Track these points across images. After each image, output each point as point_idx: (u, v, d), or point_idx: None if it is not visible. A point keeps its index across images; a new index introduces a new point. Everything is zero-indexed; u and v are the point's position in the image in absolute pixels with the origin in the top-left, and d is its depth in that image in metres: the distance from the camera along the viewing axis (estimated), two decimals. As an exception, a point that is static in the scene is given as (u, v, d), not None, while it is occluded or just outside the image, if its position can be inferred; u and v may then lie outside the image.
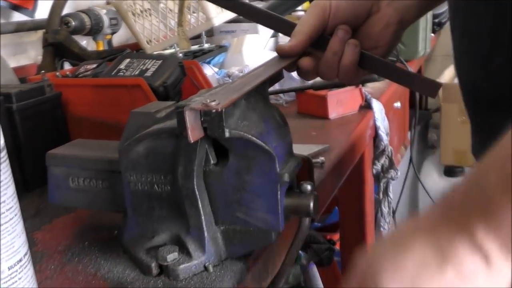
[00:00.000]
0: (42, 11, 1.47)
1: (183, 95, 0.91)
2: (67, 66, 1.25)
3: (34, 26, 1.46)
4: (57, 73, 0.98)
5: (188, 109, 0.44)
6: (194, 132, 0.45)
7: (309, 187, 0.51)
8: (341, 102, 1.06)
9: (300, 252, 1.34)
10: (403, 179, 1.96)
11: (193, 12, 1.38)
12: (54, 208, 0.68)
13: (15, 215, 0.38)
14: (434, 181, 2.23)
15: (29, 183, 0.76)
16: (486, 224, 0.35)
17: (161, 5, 1.43)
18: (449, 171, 2.22)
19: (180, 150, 0.50)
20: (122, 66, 0.89)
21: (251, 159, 0.49)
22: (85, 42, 1.49)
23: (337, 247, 1.49)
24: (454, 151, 2.19)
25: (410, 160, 2.01)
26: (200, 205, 0.50)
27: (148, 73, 0.85)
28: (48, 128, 0.81)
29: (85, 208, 0.64)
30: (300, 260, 1.40)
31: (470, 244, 0.36)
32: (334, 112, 1.05)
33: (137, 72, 0.86)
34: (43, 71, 0.98)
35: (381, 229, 1.26)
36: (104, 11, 1.47)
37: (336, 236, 1.65)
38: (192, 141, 0.44)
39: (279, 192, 0.49)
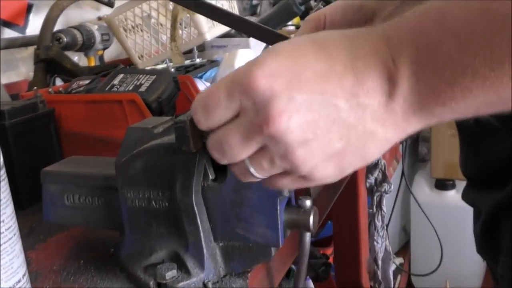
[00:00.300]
0: (34, 28, 1.47)
1: (177, 110, 0.90)
2: (58, 82, 1.24)
3: (25, 42, 1.45)
4: (50, 89, 0.97)
5: (189, 120, 0.42)
6: (196, 143, 0.44)
7: (308, 202, 0.50)
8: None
9: (293, 266, 1.33)
10: (395, 193, 1.96)
11: (185, 27, 1.38)
12: (48, 226, 0.67)
13: (14, 234, 0.37)
14: (426, 194, 2.23)
15: (22, 201, 0.75)
16: (419, 62, 0.31)
17: (153, 20, 1.43)
18: (440, 184, 2.23)
19: (178, 165, 0.50)
20: (115, 81, 0.89)
21: (250, 174, 0.48)
22: (77, 58, 1.48)
23: (331, 261, 1.48)
24: (444, 164, 2.20)
25: (402, 174, 2.01)
26: (199, 221, 0.50)
27: (142, 88, 0.85)
28: (41, 144, 0.81)
29: (81, 226, 0.63)
30: (294, 274, 1.39)
31: (385, 71, 0.32)
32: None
33: (131, 88, 0.86)
34: (35, 88, 0.97)
35: (375, 243, 1.25)
36: (96, 26, 1.47)
37: (329, 251, 1.65)
38: (195, 150, 0.44)
39: (278, 207, 0.48)
